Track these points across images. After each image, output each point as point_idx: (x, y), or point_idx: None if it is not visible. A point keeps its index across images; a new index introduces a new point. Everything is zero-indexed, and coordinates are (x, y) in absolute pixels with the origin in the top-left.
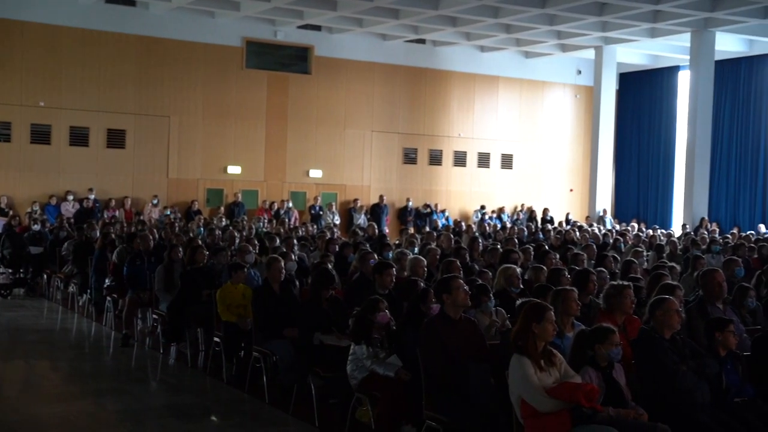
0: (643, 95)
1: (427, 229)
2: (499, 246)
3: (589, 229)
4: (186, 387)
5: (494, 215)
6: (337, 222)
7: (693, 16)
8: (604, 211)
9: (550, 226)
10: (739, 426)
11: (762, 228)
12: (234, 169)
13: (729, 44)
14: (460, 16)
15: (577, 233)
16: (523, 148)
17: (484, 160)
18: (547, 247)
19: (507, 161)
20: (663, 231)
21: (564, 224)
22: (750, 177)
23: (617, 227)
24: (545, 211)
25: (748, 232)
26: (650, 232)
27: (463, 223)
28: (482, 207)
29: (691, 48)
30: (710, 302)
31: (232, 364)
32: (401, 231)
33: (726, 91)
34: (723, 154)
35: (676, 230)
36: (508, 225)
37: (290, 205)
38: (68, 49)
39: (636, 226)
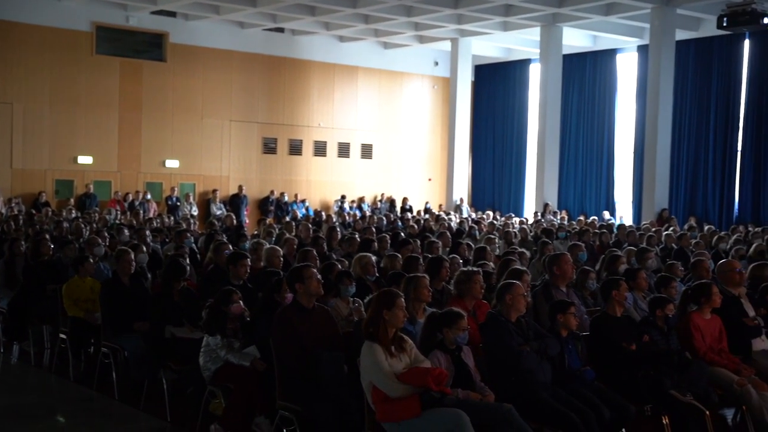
0: (497, 87)
1: (287, 219)
2: (356, 235)
3: (446, 217)
4: (29, 387)
5: (354, 205)
6: (195, 213)
7: (541, 11)
8: (461, 200)
9: (409, 215)
10: (578, 402)
11: (606, 215)
12: (85, 159)
13: (575, 39)
14: (318, 6)
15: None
16: (383, 138)
17: (344, 150)
18: (403, 236)
19: (367, 151)
20: (517, 219)
21: (422, 213)
22: (596, 166)
23: (473, 215)
24: (404, 200)
25: (593, 218)
26: (504, 219)
27: (323, 213)
28: (342, 197)
29: (541, 42)
30: (555, 285)
31: (79, 361)
32: (259, 221)
33: (573, 84)
34: (571, 144)
35: (529, 217)
36: (368, 214)
37: (149, 196)
38: None
39: (491, 214)
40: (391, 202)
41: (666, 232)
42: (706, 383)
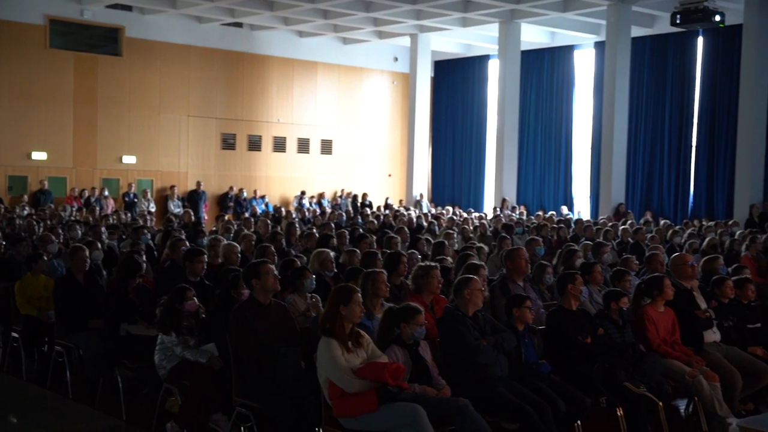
0: (456, 83)
1: (246, 215)
2: (315, 231)
3: (406, 213)
4: None
5: (314, 201)
6: (153, 209)
7: (500, 7)
8: (421, 196)
9: (368, 211)
10: (534, 396)
11: (564, 210)
12: (39, 155)
13: (534, 35)
14: (277, 0)
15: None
16: (343, 133)
17: (303, 146)
18: (362, 231)
19: (326, 147)
20: (476, 214)
21: (382, 209)
22: (554, 162)
23: (433, 211)
24: (364, 196)
25: (551, 213)
26: (465, 215)
27: (283, 209)
28: (302, 193)
29: (500, 38)
30: (512, 280)
31: (32, 360)
32: (218, 217)
33: (532, 80)
34: (530, 139)
35: (489, 213)
36: (328, 210)
37: (106, 193)
38: None
39: (451, 209)
40: (353, 197)
41: (623, 227)
42: (660, 375)
